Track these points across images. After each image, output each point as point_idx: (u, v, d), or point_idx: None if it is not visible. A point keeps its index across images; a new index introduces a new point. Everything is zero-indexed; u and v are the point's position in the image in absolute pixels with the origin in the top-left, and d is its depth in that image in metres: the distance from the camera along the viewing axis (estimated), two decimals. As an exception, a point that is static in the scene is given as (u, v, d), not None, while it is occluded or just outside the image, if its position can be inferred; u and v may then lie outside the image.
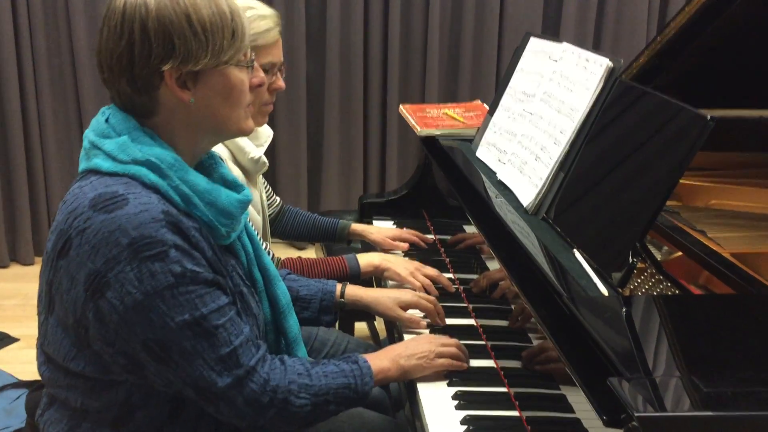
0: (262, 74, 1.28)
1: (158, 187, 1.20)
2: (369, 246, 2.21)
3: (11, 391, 2.68)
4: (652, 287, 1.40)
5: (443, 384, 1.51)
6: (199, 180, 1.25)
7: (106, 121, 1.25)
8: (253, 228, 1.79)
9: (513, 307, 1.66)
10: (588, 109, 1.59)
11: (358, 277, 1.91)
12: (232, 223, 1.30)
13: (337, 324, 2.60)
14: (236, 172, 1.82)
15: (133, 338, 1.18)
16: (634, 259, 1.26)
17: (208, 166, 1.37)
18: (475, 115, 2.48)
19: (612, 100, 1.56)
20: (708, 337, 1.17)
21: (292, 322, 1.51)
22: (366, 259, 1.91)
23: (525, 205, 1.68)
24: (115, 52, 1.20)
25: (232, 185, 1.36)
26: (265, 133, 2.00)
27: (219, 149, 1.77)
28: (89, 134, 1.26)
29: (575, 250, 1.43)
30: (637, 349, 1.12)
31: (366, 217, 2.48)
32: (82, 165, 1.25)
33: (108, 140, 1.22)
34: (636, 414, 0.91)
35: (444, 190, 2.33)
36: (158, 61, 1.19)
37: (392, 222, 2.43)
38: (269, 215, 2.21)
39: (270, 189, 2.21)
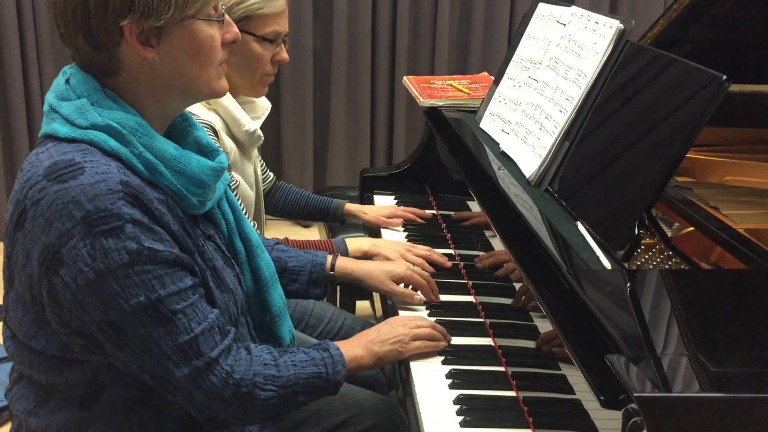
0: (235, 29, 1.19)
1: (119, 155, 1.11)
2: (370, 229, 2.14)
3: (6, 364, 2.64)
4: (660, 264, 1.31)
5: (437, 361, 1.44)
6: (167, 146, 1.15)
7: (67, 82, 1.15)
8: (241, 203, 1.73)
9: (517, 286, 1.59)
10: (596, 74, 1.50)
11: None
12: (204, 193, 1.21)
13: (338, 302, 2.56)
14: (230, 145, 1.73)
15: (87, 319, 1.10)
16: (641, 231, 1.17)
17: (181, 129, 1.27)
18: (481, 86, 2.39)
19: (622, 64, 1.47)
20: (718, 314, 1.08)
21: (276, 295, 1.43)
22: (355, 244, 1.82)
23: (528, 176, 1.60)
24: (70, 4, 1.10)
25: (207, 150, 1.26)
26: (263, 105, 1.91)
27: (213, 120, 1.69)
28: (49, 96, 1.16)
29: (578, 223, 1.35)
30: (641, 326, 1.03)
31: (367, 192, 2.41)
32: (42, 130, 1.16)
33: (66, 103, 1.13)
34: (635, 394, 0.83)
35: (448, 165, 2.25)
36: (116, 15, 1.09)
37: (393, 197, 2.35)
38: (266, 194, 2.13)
39: (264, 164, 2.13)
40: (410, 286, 1.66)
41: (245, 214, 1.49)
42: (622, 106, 1.42)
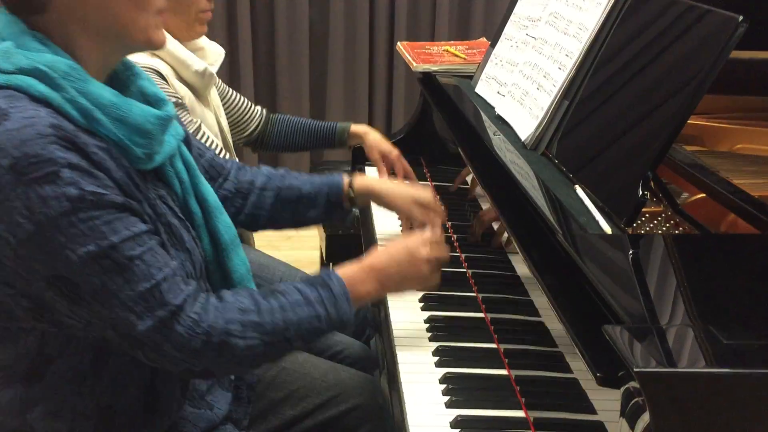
0: None
1: (49, 101, 1.00)
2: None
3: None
4: (666, 233, 1.20)
5: (424, 338, 1.33)
6: (103, 92, 1.05)
7: None
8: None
9: (513, 258, 1.48)
10: (599, 27, 1.38)
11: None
12: (150, 144, 1.10)
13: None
14: (183, 91, 1.62)
15: (34, 276, 1.00)
16: (645, 193, 1.05)
17: (124, 78, 1.16)
18: (479, 52, 2.27)
19: (627, 14, 1.34)
20: (730, 283, 0.96)
21: (238, 261, 1.30)
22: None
23: (523, 138, 1.48)
24: None
25: (153, 100, 1.15)
26: (215, 51, 1.80)
27: (159, 65, 1.58)
28: None
29: (577, 186, 1.24)
30: (644, 295, 0.92)
31: (358, 163, 2.29)
32: None
33: None
34: (636, 369, 0.72)
35: (443, 136, 2.13)
36: None
37: (387, 168, 2.24)
38: (252, 131, 2.01)
39: (244, 101, 2.00)
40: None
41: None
42: (627, 59, 1.29)
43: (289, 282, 1.19)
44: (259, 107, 2.04)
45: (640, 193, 1.05)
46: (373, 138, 1.98)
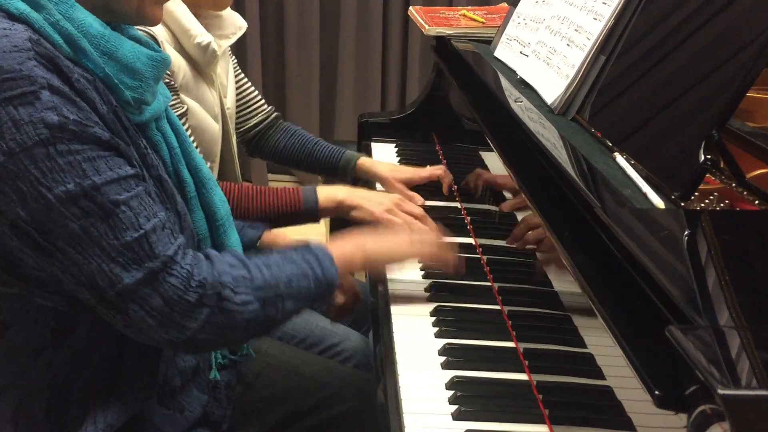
0: None
1: (30, 21, 0.89)
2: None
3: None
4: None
5: (430, 334, 1.14)
6: (91, 20, 0.93)
7: None
8: (193, 139, 1.41)
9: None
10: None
11: (315, 215, 1.47)
12: (140, 87, 0.98)
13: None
14: (178, 63, 1.41)
15: None
16: (708, 157, 0.83)
17: (115, 26, 1.01)
18: (499, 17, 2.06)
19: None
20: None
21: (235, 238, 1.18)
22: (326, 193, 1.46)
23: (550, 102, 1.27)
24: None
25: (146, 45, 1.03)
26: (234, 22, 1.57)
27: (156, 30, 1.37)
28: None
29: (616, 155, 1.02)
30: (721, 289, 0.70)
31: (365, 139, 2.12)
32: None
33: None
34: (721, 391, 0.51)
35: (458, 110, 1.92)
36: None
37: (394, 145, 2.06)
38: (252, 125, 1.76)
39: (253, 91, 1.76)
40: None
41: (201, 155, 1.19)
42: (679, 3, 1.07)
43: None
44: (267, 105, 1.79)
45: (702, 157, 0.83)
46: (387, 171, 1.68)
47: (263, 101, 1.79)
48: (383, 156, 1.97)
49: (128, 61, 0.96)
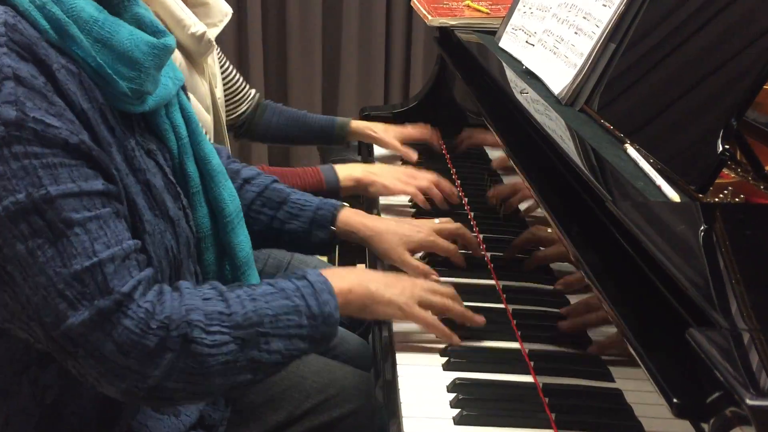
0: None
1: (15, 3, 0.81)
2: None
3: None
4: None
5: (431, 334, 1.08)
6: (84, 4, 0.85)
7: None
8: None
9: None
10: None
11: (337, 194, 1.48)
12: (139, 77, 0.88)
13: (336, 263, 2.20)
14: (175, 55, 1.37)
15: None
16: (726, 148, 0.78)
17: (116, 3, 0.92)
18: (504, 7, 2.01)
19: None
20: None
21: (243, 237, 1.09)
22: (346, 172, 1.48)
23: (557, 93, 1.22)
24: None
25: (150, 30, 0.94)
26: (221, 9, 1.54)
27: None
28: None
29: (628, 146, 0.97)
30: (743, 286, 0.65)
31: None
32: None
33: None
34: (750, 402, 0.46)
35: (462, 104, 1.88)
36: None
37: (396, 140, 2.00)
38: (240, 113, 1.77)
39: (240, 79, 1.76)
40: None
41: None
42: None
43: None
44: (253, 90, 1.81)
45: (720, 147, 0.78)
46: (382, 130, 1.78)
47: (248, 86, 1.79)
48: (385, 152, 1.94)
49: (125, 50, 0.87)
